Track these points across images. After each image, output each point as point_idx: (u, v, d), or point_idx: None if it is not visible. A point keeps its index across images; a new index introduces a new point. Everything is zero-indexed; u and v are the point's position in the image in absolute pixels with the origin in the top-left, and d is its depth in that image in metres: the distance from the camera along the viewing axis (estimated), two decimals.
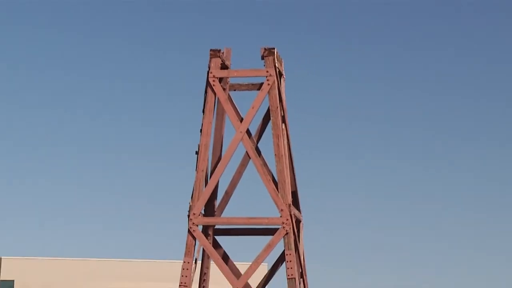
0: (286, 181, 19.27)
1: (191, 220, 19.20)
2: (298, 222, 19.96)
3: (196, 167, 19.59)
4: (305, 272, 19.83)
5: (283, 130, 19.67)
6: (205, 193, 19.51)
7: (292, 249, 18.94)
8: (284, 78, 20.36)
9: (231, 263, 20.04)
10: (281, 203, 19.03)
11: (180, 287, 19.05)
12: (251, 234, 20.78)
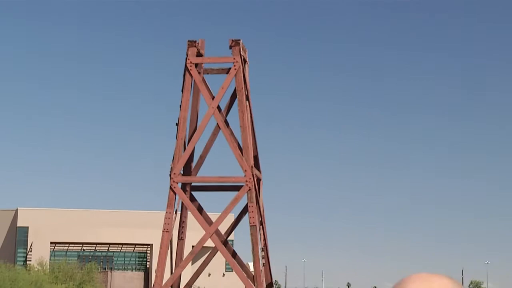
0: (249, 147, 19.43)
1: (172, 178, 19.30)
2: (259, 181, 20.13)
3: (177, 136, 19.68)
4: (264, 221, 20.01)
5: (247, 106, 19.81)
6: (184, 157, 19.63)
7: (254, 202, 19.12)
8: (248, 64, 20.45)
9: (205, 213, 20.20)
10: (245, 165, 19.20)
11: (163, 232, 19.16)
12: (220, 190, 20.95)
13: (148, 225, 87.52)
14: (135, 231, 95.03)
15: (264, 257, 20.12)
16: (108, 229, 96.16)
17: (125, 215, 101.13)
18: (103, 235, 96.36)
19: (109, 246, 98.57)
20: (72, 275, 78.80)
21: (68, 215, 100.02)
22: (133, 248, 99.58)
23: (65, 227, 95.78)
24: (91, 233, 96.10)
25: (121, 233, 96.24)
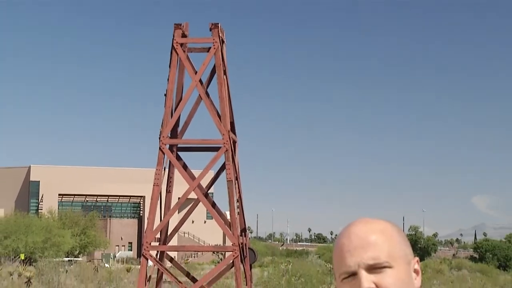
0: (226, 115, 19.46)
1: (161, 141, 19.33)
2: (234, 143, 20.18)
3: (165, 104, 19.68)
4: (239, 176, 20.11)
5: (224, 80, 19.82)
6: (171, 122, 19.62)
7: (230, 161, 19.20)
8: (225, 44, 20.43)
9: (189, 170, 20.22)
10: (222, 129, 19.25)
11: (154, 186, 19.21)
12: (202, 150, 21.00)
13: (141, 180, 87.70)
14: (130, 185, 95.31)
15: (239, 207, 20.18)
16: (108, 183, 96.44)
17: (122, 172, 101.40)
18: (103, 188, 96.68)
19: (108, 197, 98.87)
20: (77, 222, 79.00)
21: (74, 171, 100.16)
22: (129, 199, 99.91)
23: (71, 181, 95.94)
24: (93, 187, 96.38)
25: (118, 187, 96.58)
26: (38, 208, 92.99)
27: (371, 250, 1.93)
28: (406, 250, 2.00)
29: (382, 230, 1.99)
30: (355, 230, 1.98)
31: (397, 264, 1.94)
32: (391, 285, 1.91)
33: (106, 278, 40.96)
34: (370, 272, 1.92)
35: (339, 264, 1.97)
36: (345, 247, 1.96)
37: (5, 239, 63.01)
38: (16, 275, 40.68)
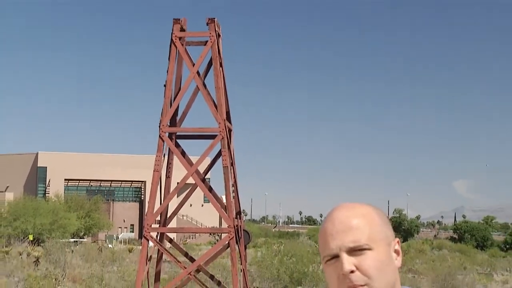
0: (222, 105, 19.43)
1: (161, 129, 19.30)
2: (230, 131, 20.16)
3: (164, 95, 19.64)
4: (234, 162, 20.10)
5: (220, 71, 19.78)
6: (170, 112, 19.58)
7: (226, 148, 19.19)
8: (221, 38, 20.36)
9: (187, 157, 20.20)
10: (219, 118, 19.22)
11: (154, 171, 19.20)
12: (199, 138, 20.96)
13: (142, 166, 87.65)
14: (132, 170, 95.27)
15: (234, 191, 20.18)
16: (111, 169, 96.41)
17: (124, 158, 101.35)
18: (106, 173, 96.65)
19: (111, 182, 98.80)
20: (82, 205, 79.00)
21: (79, 158, 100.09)
22: (130, 184, 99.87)
23: (76, 167, 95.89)
24: (97, 172, 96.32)
25: (121, 172, 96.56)
26: (46, 192, 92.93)
27: (352, 234, 1.94)
28: (386, 232, 2.00)
29: (364, 214, 1.99)
30: (338, 215, 1.99)
31: (377, 246, 1.95)
32: (370, 267, 1.91)
33: (110, 258, 41.04)
34: (351, 254, 1.93)
35: (323, 247, 1.99)
36: (328, 231, 1.97)
37: (15, 221, 63.04)
38: (25, 255, 40.73)
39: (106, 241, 74.60)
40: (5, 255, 40.04)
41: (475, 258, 54.61)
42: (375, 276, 1.91)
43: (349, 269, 1.90)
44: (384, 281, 1.92)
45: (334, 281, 1.95)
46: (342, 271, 1.91)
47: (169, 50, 19.65)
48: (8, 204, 69.70)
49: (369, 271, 1.91)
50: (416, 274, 36.98)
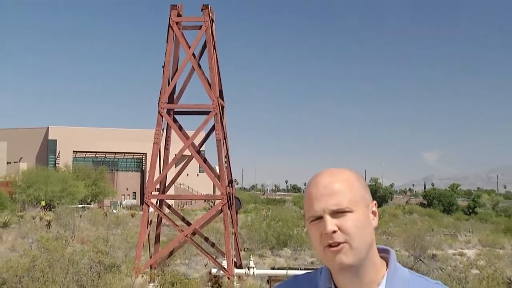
0: (216, 83, 19.33)
1: (160, 106, 19.20)
2: (222, 107, 20.08)
3: (163, 75, 19.51)
4: (227, 136, 20.07)
5: (214, 53, 19.64)
6: (168, 90, 19.47)
7: (219, 123, 19.12)
8: (214, 22, 20.18)
9: (183, 131, 20.13)
10: (212, 96, 19.12)
11: (154, 144, 19.14)
12: (195, 114, 20.86)
13: (143, 139, 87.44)
14: (134, 143, 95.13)
15: (226, 162, 20.14)
16: (115, 142, 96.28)
17: (127, 132, 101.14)
18: (111, 146, 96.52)
19: (115, 154, 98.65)
20: (88, 174, 78.86)
21: (86, 131, 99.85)
22: (132, 156, 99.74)
23: (84, 140, 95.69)
24: (103, 145, 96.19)
25: (124, 145, 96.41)
26: (56, 163, 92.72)
27: (335, 197, 1.94)
28: (365, 195, 2.01)
29: (345, 179, 1.99)
30: (322, 180, 1.99)
31: (357, 208, 1.96)
32: (351, 227, 1.92)
33: (114, 222, 41.07)
34: (333, 216, 1.93)
35: (308, 209, 1.99)
36: (313, 194, 1.97)
37: (28, 189, 62.98)
38: (38, 219, 40.70)
39: (110, 207, 74.63)
40: (20, 219, 40.02)
41: (442, 221, 55.10)
42: (355, 235, 1.93)
43: (332, 229, 1.92)
44: (363, 239, 1.95)
45: (317, 239, 1.96)
46: (325, 231, 1.93)
47: (167, 33, 19.51)
48: (22, 173, 69.55)
49: (349, 231, 1.92)
50: (389, 236, 37.27)
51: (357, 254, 1.93)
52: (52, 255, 11.85)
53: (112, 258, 14.37)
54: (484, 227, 52.33)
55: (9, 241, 27.51)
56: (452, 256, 28.57)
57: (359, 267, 1.96)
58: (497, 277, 13.41)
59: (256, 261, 21.47)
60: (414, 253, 27.47)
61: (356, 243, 1.93)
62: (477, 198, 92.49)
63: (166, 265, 20.60)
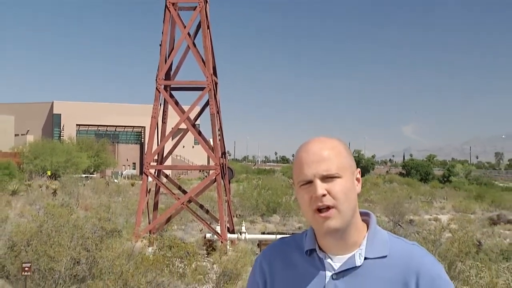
0: (210, 61, 19.22)
1: (157, 82, 19.09)
2: (216, 83, 20.00)
3: (160, 53, 19.36)
4: (220, 111, 20.02)
5: (208, 32, 19.48)
6: (165, 67, 19.34)
7: (213, 98, 19.05)
8: (208, 4, 19.99)
9: (180, 106, 20.06)
10: (206, 73, 19.02)
11: (152, 118, 19.07)
12: (190, 90, 20.76)
13: (142, 113, 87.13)
14: (133, 117, 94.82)
15: (220, 135, 20.13)
16: (116, 116, 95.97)
17: (127, 107, 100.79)
18: (112, 119, 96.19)
19: (116, 127, 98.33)
20: (91, 146, 78.61)
21: (89, 106, 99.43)
22: (132, 129, 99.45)
23: (86, 114, 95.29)
24: (104, 118, 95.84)
25: (124, 119, 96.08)
26: (60, 135, 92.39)
27: (324, 163, 1.95)
28: (351, 162, 2.03)
29: (333, 147, 2.00)
30: (312, 147, 1.99)
31: (344, 174, 1.97)
32: (339, 191, 1.94)
33: (115, 191, 41.09)
34: (323, 181, 1.95)
35: (298, 173, 2.00)
36: (304, 160, 1.98)
37: (35, 159, 62.84)
38: (45, 187, 40.69)
39: (112, 176, 74.57)
40: (28, 187, 40.01)
41: (419, 189, 55.48)
42: (342, 199, 1.95)
43: (322, 193, 1.93)
44: (349, 203, 1.97)
45: (306, 202, 1.97)
46: (315, 195, 1.94)
47: (164, 14, 19.32)
48: (29, 145, 69.31)
49: (337, 195, 1.94)
50: (371, 203, 37.51)
51: (344, 218, 1.95)
52: (58, 220, 11.87)
53: (114, 224, 14.41)
54: (458, 194, 52.79)
55: (18, 208, 27.51)
56: (428, 221, 28.85)
57: (344, 229, 1.98)
58: (467, 239, 13.60)
59: (247, 226, 21.61)
60: (393, 218, 27.72)
61: (343, 207, 1.95)
62: (452, 168, 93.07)
63: (164, 231, 20.70)
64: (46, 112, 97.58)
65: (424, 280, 1.93)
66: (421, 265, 1.96)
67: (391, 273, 1.96)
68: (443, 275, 1.98)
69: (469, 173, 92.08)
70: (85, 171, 69.40)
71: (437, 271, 1.97)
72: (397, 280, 1.94)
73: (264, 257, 2.16)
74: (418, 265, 1.96)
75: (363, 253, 2.00)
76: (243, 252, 13.52)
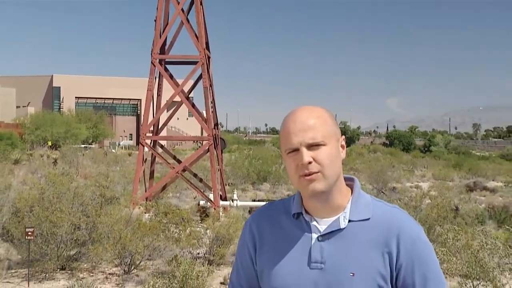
0: (202, 36, 19.07)
1: (152, 56, 18.94)
2: (209, 58, 19.86)
3: (155, 28, 19.18)
4: (213, 84, 19.93)
5: (201, 8, 19.29)
6: (160, 42, 19.18)
7: (206, 72, 18.96)
8: None
9: (174, 79, 19.95)
10: (199, 47, 18.89)
11: (147, 91, 18.97)
12: (184, 64, 20.63)
13: (138, 86, 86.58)
14: (130, 90, 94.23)
15: (213, 107, 20.07)
16: (113, 89, 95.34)
17: (124, 80, 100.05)
18: (109, 92, 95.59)
19: (113, 100, 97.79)
20: (90, 118, 78.28)
21: (87, 79, 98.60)
22: (129, 101, 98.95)
23: (85, 87, 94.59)
24: (102, 91, 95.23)
25: (121, 91, 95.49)
26: (60, 107, 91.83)
27: (310, 132, 1.95)
28: (336, 130, 2.03)
29: (319, 116, 2.00)
30: (299, 116, 1.99)
31: (329, 142, 1.98)
32: (324, 158, 1.95)
33: (113, 160, 41.03)
34: (309, 149, 1.95)
35: (285, 142, 1.99)
36: (291, 129, 1.98)
37: (36, 130, 62.58)
38: (46, 157, 40.57)
39: (110, 147, 74.39)
40: (30, 156, 39.87)
41: (401, 159, 55.78)
42: (327, 165, 1.95)
43: (308, 160, 1.93)
44: (333, 169, 1.97)
45: (293, 169, 1.98)
46: (301, 162, 1.94)
47: None
48: (30, 116, 68.93)
49: (322, 161, 1.95)
50: (356, 171, 37.70)
51: (328, 182, 1.96)
52: (59, 188, 11.88)
53: (112, 192, 14.44)
54: (437, 163, 53.18)
55: (21, 176, 27.46)
56: (410, 188, 29.12)
57: (329, 193, 1.99)
58: (446, 205, 13.77)
59: (239, 194, 21.72)
60: (377, 186, 27.94)
61: (328, 172, 1.96)
62: (432, 138, 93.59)
63: (160, 198, 20.78)
64: (46, 85, 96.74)
65: (404, 241, 1.96)
66: (401, 227, 1.99)
67: (373, 234, 1.98)
68: (422, 236, 2.01)
69: (448, 143, 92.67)
70: (84, 142, 69.19)
71: (417, 232, 2.00)
72: (379, 241, 1.97)
73: (253, 220, 2.18)
74: (399, 227, 1.99)
75: (347, 216, 2.02)
76: (235, 218, 13.61)
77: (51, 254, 11.13)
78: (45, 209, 11.26)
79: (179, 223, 12.41)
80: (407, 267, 1.95)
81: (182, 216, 12.60)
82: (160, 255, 12.06)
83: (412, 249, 1.96)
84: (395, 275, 1.96)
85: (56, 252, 11.20)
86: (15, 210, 12.10)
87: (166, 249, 12.10)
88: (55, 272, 11.39)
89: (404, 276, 1.96)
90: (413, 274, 1.95)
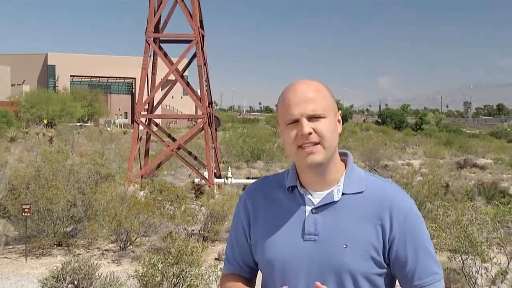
0: (197, 15, 18.93)
1: (147, 35, 18.81)
2: (203, 36, 19.73)
3: (149, 6, 19.02)
4: (207, 62, 19.83)
5: None
6: (154, 20, 19.02)
7: (200, 50, 18.85)
8: None
9: (168, 58, 19.83)
10: (194, 25, 18.76)
11: (142, 69, 18.87)
12: (178, 42, 20.51)
13: (133, 65, 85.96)
14: (124, 68, 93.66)
15: (207, 86, 20.01)
16: (108, 67, 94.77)
17: (119, 58, 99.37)
18: (104, 71, 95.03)
19: (108, 78, 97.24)
20: (85, 96, 77.85)
21: (82, 58, 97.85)
22: (124, 80, 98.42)
23: (80, 65, 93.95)
24: (97, 70, 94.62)
25: (116, 70, 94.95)
26: (55, 86, 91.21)
27: (311, 103, 1.96)
28: (333, 104, 2.04)
29: (319, 89, 2.01)
30: (299, 88, 1.99)
31: (328, 115, 1.99)
32: (324, 130, 1.96)
33: (108, 138, 40.95)
34: (309, 120, 1.96)
35: (285, 113, 1.99)
36: (291, 100, 1.98)
37: (31, 108, 62.22)
38: (41, 135, 40.44)
39: (105, 125, 74.16)
40: (25, 134, 39.76)
41: (393, 137, 55.97)
42: (327, 137, 1.97)
43: (308, 131, 1.94)
44: (332, 141, 1.99)
45: (292, 140, 1.98)
46: (301, 132, 1.95)
47: None
48: (25, 94, 68.44)
49: (322, 133, 1.96)
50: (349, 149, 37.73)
51: (327, 154, 1.98)
52: (55, 165, 11.86)
53: (107, 169, 14.42)
54: (429, 141, 53.39)
55: (17, 154, 27.39)
56: (401, 166, 29.24)
57: (325, 166, 2.01)
58: (436, 182, 13.86)
59: (233, 172, 21.75)
60: (369, 163, 28.05)
61: (328, 144, 1.97)
62: (423, 117, 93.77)
63: (155, 176, 20.78)
64: (41, 63, 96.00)
65: (396, 214, 1.98)
66: (394, 199, 2.00)
67: (366, 207, 2.00)
68: (414, 209, 2.03)
69: (439, 121, 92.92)
70: (79, 120, 68.92)
71: (409, 205, 2.02)
72: (372, 214, 1.98)
73: (248, 195, 2.18)
74: (391, 199, 2.00)
75: (341, 189, 2.03)
76: (229, 195, 13.65)
77: (47, 230, 11.16)
78: (41, 186, 11.26)
79: (174, 200, 12.44)
80: (399, 240, 1.98)
81: (177, 194, 12.63)
82: (155, 231, 12.11)
83: (404, 222, 1.98)
84: (388, 248, 1.98)
85: (53, 228, 11.23)
86: (12, 187, 12.09)
87: (161, 226, 12.15)
88: (52, 248, 11.44)
89: (396, 249, 1.98)
90: (406, 247, 1.98)
